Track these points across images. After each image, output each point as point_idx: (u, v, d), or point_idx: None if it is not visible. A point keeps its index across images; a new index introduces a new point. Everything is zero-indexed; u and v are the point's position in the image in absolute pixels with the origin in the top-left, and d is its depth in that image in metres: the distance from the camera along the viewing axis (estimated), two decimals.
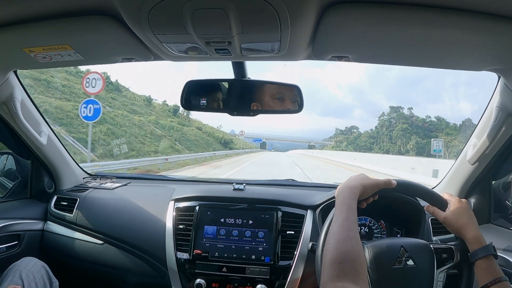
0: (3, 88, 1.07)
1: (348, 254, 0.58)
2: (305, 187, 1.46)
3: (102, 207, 1.35)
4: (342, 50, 0.78)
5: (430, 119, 60.71)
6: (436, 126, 57.56)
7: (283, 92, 1.02)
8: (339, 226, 0.64)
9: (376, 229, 1.23)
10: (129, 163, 11.11)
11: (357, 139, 69.70)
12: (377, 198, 0.80)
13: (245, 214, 1.15)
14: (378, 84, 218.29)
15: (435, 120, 60.37)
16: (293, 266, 1.08)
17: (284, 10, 0.60)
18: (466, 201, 0.82)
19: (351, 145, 68.70)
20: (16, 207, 1.37)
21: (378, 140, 62.65)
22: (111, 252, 1.26)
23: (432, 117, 61.17)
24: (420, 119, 60.91)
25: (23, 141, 1.25)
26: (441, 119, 60.08)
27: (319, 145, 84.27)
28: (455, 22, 0.63)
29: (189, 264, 1.11)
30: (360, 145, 65.46)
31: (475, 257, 0.73)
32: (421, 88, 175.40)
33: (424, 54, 0.78)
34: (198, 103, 1.01)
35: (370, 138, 65.31)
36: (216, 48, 0.75)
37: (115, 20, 0.69)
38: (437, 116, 65.31)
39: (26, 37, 0.77)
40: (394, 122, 60.90)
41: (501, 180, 1.21)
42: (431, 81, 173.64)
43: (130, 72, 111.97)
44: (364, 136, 68.49)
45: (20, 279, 0.96)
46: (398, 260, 0.76)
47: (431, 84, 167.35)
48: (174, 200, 1.23)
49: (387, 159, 22.04)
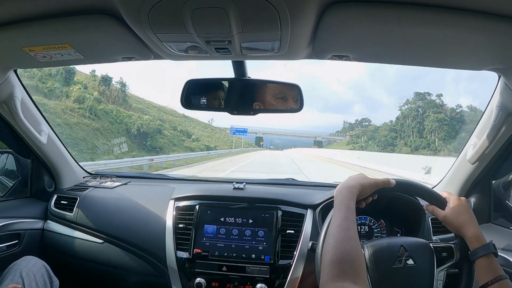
0: (3, 87, 1.07)
1: (347, 254, 0.58)
2: (305, 186, 1.46)
3: (102, 206, 1.35)
4: (342, 49, 0.78)
5: (461, 108, 50.23)
6: (470, 117, 46.65)
7: (283, 91, 1.02)
8: (338, 226, 0.64)
9: (376, 229, 1.23)
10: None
11: (375, 133, 58.02)
12: (377, 198, 0.80)
13: (245, 213, 1.15)
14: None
15: (467, 110, 49.73)
16: (293, 265, 1.08)
17: (284, 9, 0.60)
18: (465, 199, 0.82)
19: (372, 140, 55.70)
20: (16, 206, 1.38)
21: (401, 134, 52.28)
22: (111, 251, 1.26)
23: (463, 106, 50.63)
24: (450, 108, 50.53)
25: (23, 140, 1.26)
26: (475, 109, 48.41)
27: (325, 141, 76.36)
28: (455, 22, 0.63)
29: (189, 263, 1.11)
30: (381, 140, 54.15)
31: (475, 255, 0.73)
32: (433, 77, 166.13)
33: (424, 54, 0.78)
34: (198, 102, 1.01)
35: (391, 132, 54.00)
36: (216, 47, 0.75)
37: (115, 19, 0.69)
38: (470, 105, 55.46)
39: (26, 36, 0.77)
40: (422, 112, 50.85)
41: (501, 180, 1.21)
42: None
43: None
44: (383, 130, 56.75)
45: (21, 278, 0.97)
46: (398, 259, 0.76)
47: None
48: (174, 199, 1.24)
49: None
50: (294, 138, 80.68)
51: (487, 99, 1.01)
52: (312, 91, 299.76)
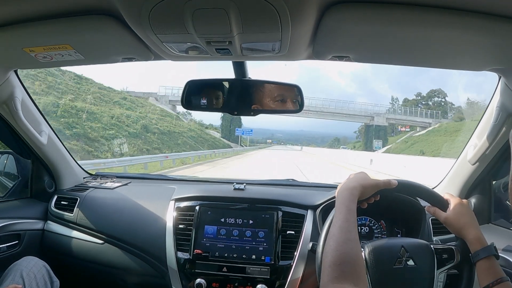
0: (4, 87, 1.07)
1: (348, 256, 0.58)
2: (305, 187, 1.46)
3: (103, 207, 1.35)
4: (343, 50, 0.78)
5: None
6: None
7: (284, 92, 1.02)
8: (339, 228, 0.64)
9: (377, 229, 1.23)
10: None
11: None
12: (378, 198, 0.80)
13: (245, 214, 1.15)
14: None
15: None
16: (293, 266, 1.08)
17: (285, 10, 0.60)
18: (467, 202, 0.82)
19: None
20: (16, 206, 1.38)
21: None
22: (112, 252, 1.26)
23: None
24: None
25: (23, 140, 1.25)
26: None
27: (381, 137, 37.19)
28: (455, 22, 0.63)
29: (190, 263, 1.11)
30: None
31: (476, 257, 0.73)
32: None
33: (425, 54, 0.78)
34: (199, 102, 1.01)
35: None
36: (217, 47, 0.75)
37: (116, 19, 0.69)
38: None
39: (26, 37, 0.77)
40: None
41: (502, 180, 1.21)
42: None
43: None
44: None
45: (21, 278, 0.97)
46: (398, 260, 0.76)
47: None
48: (175, 199, 1.24)
49: None
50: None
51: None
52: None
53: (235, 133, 42.07)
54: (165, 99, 35.37)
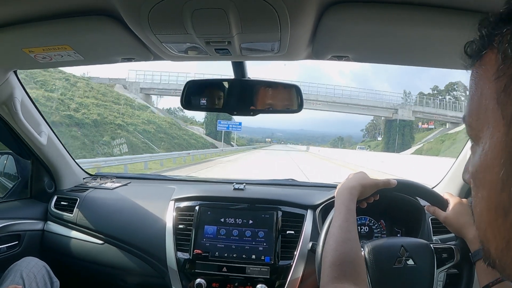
0: (3, 88, 1.07)
1: (348, 256, 0.58)
2: (305, 187, 1.46)
3: (102, 207, 1.35)
4: (342, 50, 0.78)
5: None
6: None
7: (283, 92, 1.02)
8: (338, 227, 0.64)
9: (376, 229, 1.23)
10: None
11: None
12: (377, 198, 0.80)
13: (245, 214, 1.15)
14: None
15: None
16: (293, 266, 1.08)
17: (284, 10, 0.60)
18: (467, 201, 0.82)
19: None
20: (16, 207, 1.38)
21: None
22: (112, 252, 1.26)
23: None
24: None
25: (23, 141, 1.25)
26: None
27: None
28: (455, 22, 0.62)
29: (189, 264, 1.11)
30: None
31: (476, 257, 0.73)
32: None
33: (424, 54, 0.78)
34: (198, 103, 1.01)
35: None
36: (216, 48, 0.75)
37: (115, 20, 0.69)
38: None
39: (26, 38, 0.77)
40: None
41: None
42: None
43: None
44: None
45: (21, 279, 0.97)
46: (398, 259, 0.75)
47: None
48: (174, 200, 1.23)
49: None
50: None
51: None
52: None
53: (217, 127, 32.76)
54: (136, 86, 28.77)
